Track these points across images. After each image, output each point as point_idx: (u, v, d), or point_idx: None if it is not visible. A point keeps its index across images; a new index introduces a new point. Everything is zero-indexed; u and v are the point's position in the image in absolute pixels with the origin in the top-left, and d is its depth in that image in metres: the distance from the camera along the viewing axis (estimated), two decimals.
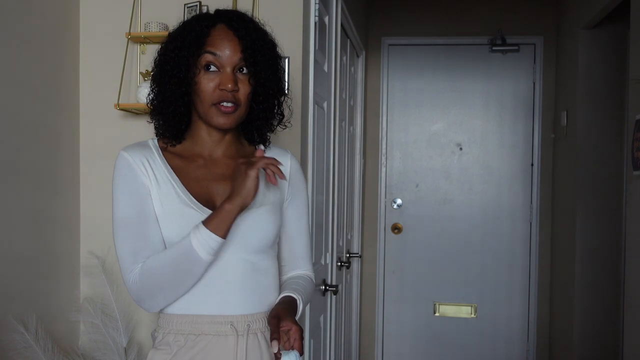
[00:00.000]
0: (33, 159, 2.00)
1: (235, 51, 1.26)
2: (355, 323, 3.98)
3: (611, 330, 3.32)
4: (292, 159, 1.45)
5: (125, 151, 1.30)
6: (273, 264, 1.38)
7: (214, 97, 1.26)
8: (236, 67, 1.27)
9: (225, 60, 1.26)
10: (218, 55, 1.26)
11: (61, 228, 2.15)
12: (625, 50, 3.17)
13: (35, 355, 1.88)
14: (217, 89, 1.26)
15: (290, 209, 1.42)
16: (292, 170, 1.43)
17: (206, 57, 1.26)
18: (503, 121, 4.11)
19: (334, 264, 2.82)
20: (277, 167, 1.22)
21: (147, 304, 1.27)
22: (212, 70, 1.27)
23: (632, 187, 2.64)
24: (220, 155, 1.35)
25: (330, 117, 2.69)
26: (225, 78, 1.26)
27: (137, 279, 1.23)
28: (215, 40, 1.27)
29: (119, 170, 1.28)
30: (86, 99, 2.24)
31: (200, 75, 1.27)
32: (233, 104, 1.27)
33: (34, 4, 1.99)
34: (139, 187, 1.27)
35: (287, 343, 1.21)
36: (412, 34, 4.16)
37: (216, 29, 1.28)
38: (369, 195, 4.19)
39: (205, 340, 1.29)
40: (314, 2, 2.24)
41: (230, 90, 1.25)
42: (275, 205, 1.37)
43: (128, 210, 1.26)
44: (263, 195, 1.35)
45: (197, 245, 1.19)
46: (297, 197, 1.44)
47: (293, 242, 1.45)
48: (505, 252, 4.12)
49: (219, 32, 1.28)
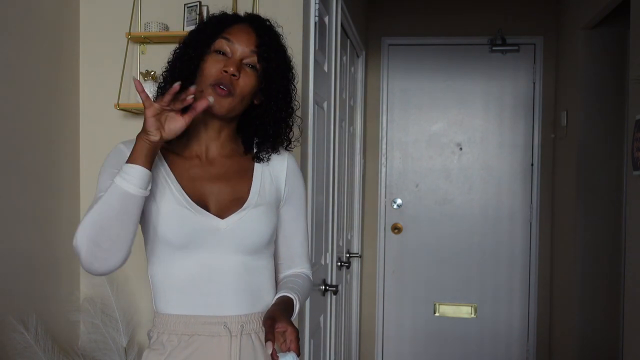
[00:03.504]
0: (33, 159, 2.00)
1: (249, 44, 1.30)
2: (355, 323, 3.98)
3: (611, 330, 3.32)
4: (290, 158, 1.45)
5: (123, 144, 1.31)
6: (268, 264, 1.38)
7: (214, 77, 1.27)
8: (245, 59, 1.30)
9: (236, 48, 1.30)
10: (232, 42, 1.30)
11: (61, 228, 2.15)
12: (625, 50, 3.17)
13: (35, 355, 1.88)
14: (220, 71, 1.28)
15: (287, 208, 1.43)
16: (289, 170, 1.43)
17: (220, 42, 1.30)
18: (503, 121, 4.11)
19: (334, 264, 2.82)
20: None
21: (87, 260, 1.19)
22: (222, 54, 1.29)
23: (632, 187, 2.64)
24: (216, 154, 1.36)
25: (330, 117, 2.69)
26: (230, 62, 1.28)
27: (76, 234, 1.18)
28: (233, 30, 1.32)
29: (109, 157, 1.30)
30: (86, 99, 2.25)
31: (209, 56, 1.29)
32: (228, 89, 1.27)
33: (34, 4, 1.99)
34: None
35: (284, 344, 1.20)
36: (412, 34, 4.16)
37: (239, 24, 1.34)
38: (369, 195, 4.19)
39: (199, 340, 1.29)
40: (314, 2, 2.24)
41: (230, 72, 1.27)
42: (271, 205, 1.37)
43: (104, 186, 1.23)
44: (259, 195, 1.35)
45: (120, 181, 1.16)
46: (295, 197, 1.44)
47: (290, 241, 1.45)
48: (505, 252, 4.12)
49: (240, 26, 1.33)
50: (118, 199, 1.16)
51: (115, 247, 1.19)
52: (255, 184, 1.36)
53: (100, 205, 1.17)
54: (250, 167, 1.39)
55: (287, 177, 1.42)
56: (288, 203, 1.43)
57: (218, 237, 1.28)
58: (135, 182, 1.17)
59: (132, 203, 1.17)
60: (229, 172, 1.36)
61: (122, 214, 1.17)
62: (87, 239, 1.17)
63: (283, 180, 1.41)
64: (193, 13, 2.08)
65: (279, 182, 1.41)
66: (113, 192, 1.17)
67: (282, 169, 1.41)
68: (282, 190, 1.41)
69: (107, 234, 1.17)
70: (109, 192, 1.17)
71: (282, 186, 1.41)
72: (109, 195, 1.17)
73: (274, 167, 1.41)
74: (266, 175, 1.39)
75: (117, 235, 1.18)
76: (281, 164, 1.42)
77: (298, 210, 1.45)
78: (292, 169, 1.44)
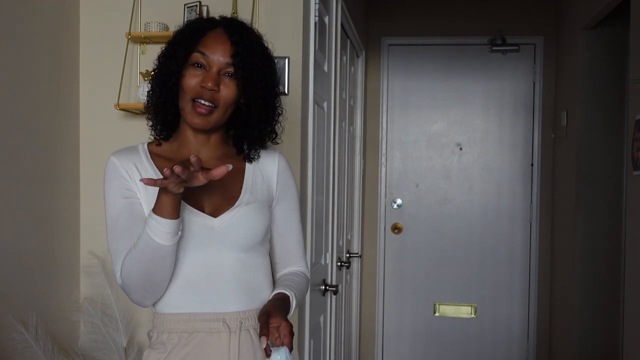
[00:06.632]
0: (33, 159, 2.00)
1: (225, 54, 1.30)
2: (355, 323, 3.98)
3: (611, 330, 3.32)
4: (280, 158, 1.47)
5: (114, 156, 1.34)
6: (264, 261, 1.40)
7: (194, 92, 1.29)
8: (222, 70, 1.30)
9: (212, 60, 1.30)
10: (207, 55, 1.30)
11: (61, 228, 2.15)
12: (625, 50, 3.17)
13: (35, 355, 1.88)
14: (198, 85, 1.29)
15: (279, 207, 1.45)
16: (280, 169, 1.45)
17: (196, 55, 1.30)
18: (503, 121, 4.11)
19: (334, 264, 2.82)
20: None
21: (137, 299, 1.29)
22: (199, 68, 1.30)
23: (632, 187, 2.64)
24: (207, 157, 1.37)
25: (330, 117, 2.69)
26: (207, 76, 1.29)
27: (120, 277, 1.26)
28: (208, 41, 1.31)
29: (107, 175, 1.32)
30: (86, 99, 2.25)
31: (188, 70, 1.30)
32: (210, 104, 1.29)
33: (34, 4, 1.99)
34: (125, 191, 1.30)
35: (278, 339, 1.22)
36: (412, 34, 4.16)
37: (213, 31, 1.33)
38: (369, 195, 4.19)
39: (198, 337, 1.31)
40: (314, 2, 2.24)
41: (209, 88, 1.27)
42: (262, 203, 1.39)
43: (115, 211, 1.29)
44: (251, 194, 1.37)
45: (151, 233, 1.19)
46: (286, 196, 1.46)
47: (285, 240, 1.47)
48: (505, 252, 4.12)
49: (215, 34, 1.32)
50: (153, 251, 1.20)
51: (160, 286, 1.27)
52: (247, 183, 1.39)
53: (137, 255, 1.22)
54: (241, 168, 1.41)
55: (279, 177, 1.44)
56: (280, 202, 1.45)
57: (213, 235, 1.31)
58: (166, 235, 1.19)
59: (167, 252, 1.22)
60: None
61: (160, 261, 1.22)
62: (133, 284, 1.25)
63: (274, 180, 1.44)
64: (193, 13, 2.08)
65: (270, 182, 1.43)
66: (146, 244, 1.20)
67: (274, 168, 1.44)
68: (273, 190, 1.43)
69: (150, 279, 1.24)
70: (143, 243, 1.20)
71: (274, 185, 1.43)
72: (144, 246, 1.20)
73: (265, 167, 1.43)
74: (257, 175, 1.42)
75: (159, 279, 1.25)
76: (272, 164, 1.44)
77: (291, 209, 1.47)
78: (283, 169, 1.46)
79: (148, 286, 1.25)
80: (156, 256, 1.21)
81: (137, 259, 1.22)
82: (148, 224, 1.19)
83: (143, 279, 1.24)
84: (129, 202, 1.29)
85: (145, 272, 1.23)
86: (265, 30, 2.00)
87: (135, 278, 1.23)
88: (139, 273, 1.23)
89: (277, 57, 2.00)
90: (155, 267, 1.22)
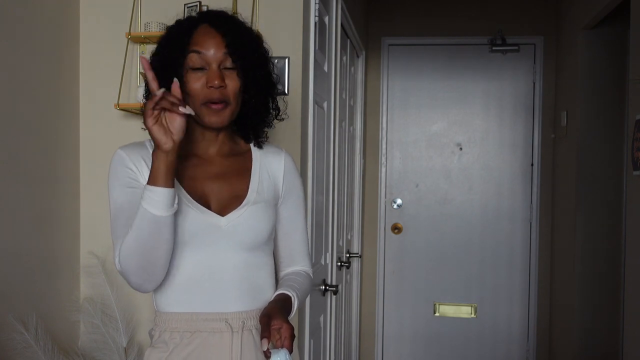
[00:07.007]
0: (33, 159, 2.00)
1: (219, 47, 1.28)
2: (355, 323, 3.98)
3: (611, 330, 3.32)
4: (287, 157, 1.46)
5: (122, 149, 1.33)
6: (268, 261, 1.40)
7: (202, 95, 1.27)
8: (222, 64, 1.29)
9: (210, 57, 1.28)
10: (202, 53, 1.28)
11: (61, 228, 2.15)
12: (625, 50, 3.17)
13: (35, 355, 1.88)
14: (205, 87, 1.27)
15: (285, 206, 1.44)
16: (287, 168, 1.45)
17: (192, 56, 1.28)
18: (503, 121, 4.11)
19: (333, 264, 2.82)
20: (170, 103, 1.16)
21: (136, 283, 1.25)
22: (199, 69, 1.28)
23: (632, 187, 2.64)
24: (214, 154, 1.37)
25: (330, 117, 2.69)
26: (211, 75, 1.27)
27: (119, 261, 1.23)
28: (198, 39, 1.29)
29: (113, 165, 1.31)
30: (86, 99, 2.25)
31: (188, 74, 1.28)
32: (222, 102, 1.28)
33: (34, 4, 1.99)
34: (131, 180, 1.29)
35: (279, 341, 1.22)
36: (412, 34, 4.16)
37: (199, 29, 1.31)
38: (369, 195, 4.19)
39: (201, 337, 1.30)
40: (314, 2, 2.24)
41: (217, 86, 1.26)
42: (268, 202, 1.38)
43: (120, 200, 1.27)
44: (258, 193, 1.37)
45: (146, 205, 1.17)
46: (292, 195, 1.45)
47: (289, 239, 1.46)
48: (505, 252, 4.12)
49: (202, 31, 1.30)
50: (149, 224, 1.18)
51: (159, 266, 1.23)
52: (254, 182, 1.38)
53: (134, 232, 1.19)
54: (248, 166, 1.40)
55: (285, 175, 1.44)
56: (286, 201, 1.44)
57: (219, 234, 1.30)
58: (161, 205, 1.17)
59: (163, 224, 1.19)
60: (228, 171, 1.37)
61: (157, 236, 1.20)
62: (132, 266, 1.21)
63: (281, 179, 1.43)
64: (193, 13, 2.08)
65: (276, 180, 1.42)
66: (143, 217, 1.18)
67: (280, 167, 1.43)
68: (279, 188, 1.43)
69: (148, 258, 1.21)
70: (139, 218, 1.18)
71: (280, 184, 1.43)
72: (140, 220, 1.18)
73: (272, 165, 1.43)
74: (264, 174, 1.41)
75: (158, 257, 1.22)
76: (278, 163, 1.43)
77: (296, 208, 1.46)
78: (289, 167, 1.45)
79: (147, 266, 1.22)
80: (153, 230, 1.18)
81: (134, 237, 1.19)
82: (143, 197, 1.18)
83: (141, 259, 1.20)
84: (134, 192, 1.27)
85: (143, 251, 1.20)
86: (265, 30, 2.00)
87: (134, 258, 1.20)
88: (137, 252, 1.20)
89: (277, 57, 2.00)
90: (152, 242, 1.19)
